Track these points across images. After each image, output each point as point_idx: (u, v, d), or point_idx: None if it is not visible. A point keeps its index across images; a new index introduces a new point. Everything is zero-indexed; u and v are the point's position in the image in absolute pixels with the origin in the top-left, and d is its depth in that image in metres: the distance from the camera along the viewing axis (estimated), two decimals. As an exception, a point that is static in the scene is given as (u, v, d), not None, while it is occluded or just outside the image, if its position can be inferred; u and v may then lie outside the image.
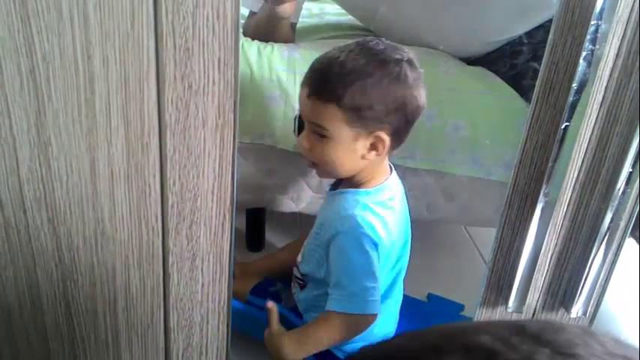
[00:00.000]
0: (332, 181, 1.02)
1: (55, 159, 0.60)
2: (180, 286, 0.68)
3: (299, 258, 1.00)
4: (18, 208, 0.62)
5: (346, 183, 0.92)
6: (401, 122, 0.84)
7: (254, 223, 1.44)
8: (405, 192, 1.04)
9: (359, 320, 0.86)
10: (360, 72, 0.79)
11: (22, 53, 0.54)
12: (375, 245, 0.86)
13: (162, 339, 0.72)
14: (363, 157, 0.85)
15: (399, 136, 0.86)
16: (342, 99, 0.80)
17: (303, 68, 1.21)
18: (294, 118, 1.00)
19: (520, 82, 1.28)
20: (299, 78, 1.20)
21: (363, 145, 0.84)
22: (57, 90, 0.56)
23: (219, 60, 0.56)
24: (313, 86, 0.83)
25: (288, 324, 1.00)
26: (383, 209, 0.90)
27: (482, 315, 0.76)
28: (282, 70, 1.20)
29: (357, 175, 0.89)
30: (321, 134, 0.84)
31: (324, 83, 0.81)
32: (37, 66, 0.55)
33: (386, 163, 0.94)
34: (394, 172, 0.97)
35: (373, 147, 0.84)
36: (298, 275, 1.00)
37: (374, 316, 0.85)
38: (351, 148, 0.84)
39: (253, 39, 1.28)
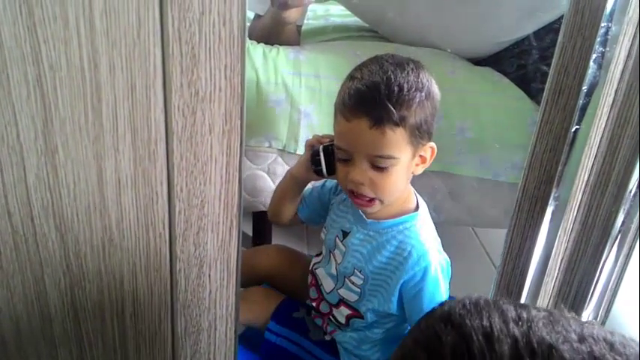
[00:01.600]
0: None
1: (63, 167, 0.59)
2: (187, 292, 0.68)
3: (348, 293, 0.90)
4: (26, 216, 0.62)
5: (390, 207, 0.85)
6: (434, 128, 0.82)
7: (260, 226, 1.44)
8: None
9: None
10: (414, 88, 0.76)
11: (29, 62, 0.54)
12: (449, 262, 0.85)
13: (169, 345, 0.72)
14: (412, 172, 0.82)
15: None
16: (408, 120, 0.75)
17: (308, 71, 1.21)
18: (317, 152, 0.88)
19: (527, 82, 1.27)
20: (304, 81, 1.20)
21: (415, 160, 0.81)
22: (64, 98, 0.56)
23: (225, 66, 0.56)
24: (376, 116, 0.74)
25: None
26: (431, 220, 0.89)
27: (491, 319, 0.75)
28: (288, 73, 1.20)
29: (399, 199, 0.85)
30: (383, 166, 0.77)
31: (388, 109, 0.74)
32: (44, 74, 0.55)
33: None
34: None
35: (422, 159, 0.82)
36: (348, 312, 0.91)
37: None
38: (409, 168, 0.80)
39: (259, 42, 1.28)
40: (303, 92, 1.20)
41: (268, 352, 0.97)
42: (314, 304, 0.98)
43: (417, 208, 0.87)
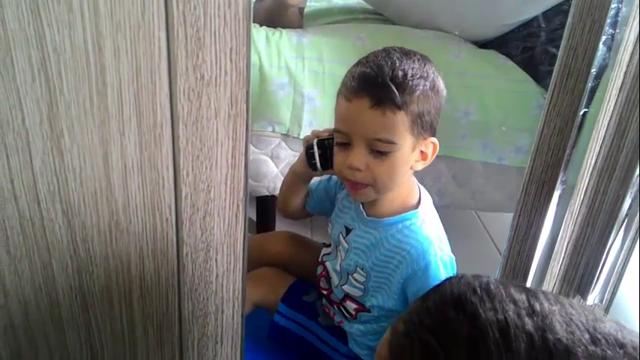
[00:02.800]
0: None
1: (68, 151, 0.59)
2: (194, 276, 0.68)
3: (352, 289, 0.91)
4: (32, 201, 0.62)
5: (390, 204, 0.85)
6: (436, 124, 0.81)
7: (264, 211, 1.44)
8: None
9: None
10: (418, 75, 0.75)
11: (33, 45, 0.53)
12: (453, 258, 0.83)
13: (177, 328, 0.72)
14: (411, 167, 0.81)
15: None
16: (410, 105, 0.74)
17: (311, 54, 1.20)
18: (311, 146, 0.88)
19: (533, 64, 1.26)
20: (307, 64, 1.20)
21: (415, 154, 0.79)
22: (68, 82, 0.56)
23: (230, 50, 0.55)
24: (378, 95, 0.73)
25: (327, 347, 0.95)
26: (438, 220, 0.88)
27: (497, 302, 0.76)
28: (291, 56, 1.19)
29: (400, 194, 0.84)
30: (382, 150, 0.76)
31: (390, 90, 0.73)
32: (49, 58, 0.54)
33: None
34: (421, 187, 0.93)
35: (422, 155, 0.80)
36: (354, 306, 0.91)
37: None
38: (408, 160, 0.79)
39: (261, 25, 1.27)
40: (306, 76, 1.19)
41: (276, 335, 0.98)
42: (325, 292, 0.98)
43: (418, 203, 0.86)
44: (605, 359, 0.35)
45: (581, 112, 0.62)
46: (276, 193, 1.31)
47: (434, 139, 0.80)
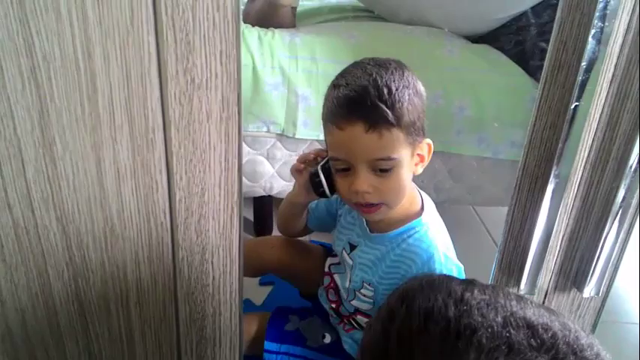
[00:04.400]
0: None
1: (61, 158, 0.59)
2: (191, 279, 0.68)
3: (361, 303, 0.90)
4: (26, 209, 0.62)
5: (394, 216, 0.83)
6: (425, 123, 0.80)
7: (262, 211, 1.44)
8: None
9: None
10: (402, 86, 0.74)
11: (23, 54, 0.53)
12: (461, 271, 0.82)
13: (175, 332, 0.73)
14: (413, 173, 0.79)
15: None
16: (403, 118, 0.73)
17: (304, 53, 1.20)
18: (316, 174, 0.85)
19: (526, 58, 1.26)
20: (301, 64, 1.20)
21: (414, 159, 0.79)
22: (59, 89, 0.56)
23: (220, 53, 0.55)
24: (371, 119, 0.72)
25: None
26: (442, 227, 0.86)
27: (494, 297, 0.76)
28: (284, 56, 1.19)
29: (402, 205, 0.82)
30: (385, 168, 0.75)
31: (382, 110, 0.72)
32: (38, 66, 0.54)
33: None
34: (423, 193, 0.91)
35: (420, 157, 0.79)
36: (366, 319, 0.90)
37: None
38: (410, 168, 0.78)
39: (253, 25, 1.27)
40: (300, 75, 1.19)
41: None
42: (333, 305, 0.97)
43: (422, 210, 0.84)
44: (509, 339, 0.38)
45: (573, 106, 0.62)
46: (273, 192, 1.31)
47: (428, 140, 0.79)
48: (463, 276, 0.84)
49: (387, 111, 0.72)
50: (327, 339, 0.97)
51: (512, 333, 0.38)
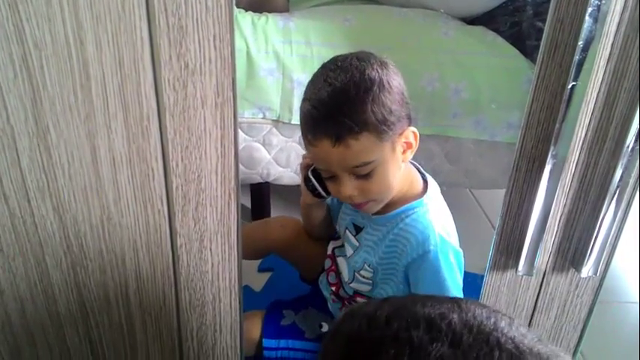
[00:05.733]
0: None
1: (55, 147, 0.59)
2: (190, 267, 0.68)
3: (361, 285, 0.91)
4: (22, 199, 0.62)
5: (394, 199, 0.84)
6: (410, 110, 0.79)
7: (259, 198, 1.44)
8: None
9: None
10: (362, 89, 0.73)
11: (13, 41, 0.53)
12: (459, 254, 0.83)
13: (175, 319, 0.73)
14: (404, 160, 0.80)
15: (410, 120, 0.80)
16: (368, 121, 0.73)
17: (299, 38, 1.19)
18: (308, 179, 0.89)
19: (522, 39, 1.26)
20: (295, 48, 1.19)
21: (399, 149, 0.78)
22: (51, 77, 0.55)
23: (214, 37, 0.54)
24: (333, 134, 0.73)
25: None
26: (444, 209, 0.87)
27: (492, 278, 0.76)
28: (278, 41, 1.18)
29: (400, 188, 0.83)
30: (365, 172, 0.77)
31: (341, 123, 0.72)
32: (30, 53, 0.53)
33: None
34: (429, 177, 0.92)
35: (407, 145, 0.79)
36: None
37: None
38: (394, 161, 0.78)
39: (247, 10, 1.25)
40: (294, 60, 1.18)
41: None
42: (333, 288, 0.97)
43: (424, 192, 0.85)
44: (410, 339, 0.38)
45: (570, 86, 0.61)
46: (270, 179, 1.31)
47: (412, 129, 0.79)
48: (461, 261, 0.84)
49: (347, 122, 0.72)
50: (325, 327, 0.97)
51: (412, 333, 0.38)
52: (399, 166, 0.80)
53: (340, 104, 0.73)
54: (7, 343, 0.72)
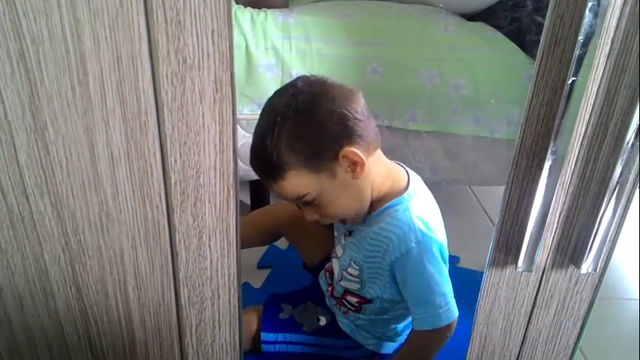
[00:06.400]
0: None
1: (53, 143, 0.58)
2: (188, 263, 0.68)
3: (349, 284, 0.92)
4: (20, 195, 0.61)
5: (375, 201, 0.85)
6: (350, 130, 0.77)
7: (258, 194, 1.44)
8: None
9: (449, 328, 0.83)
10: (275, 129, 0.75)
11: (10, 37, 0.52)
12: (442, 246, 0.83)
13: (174, 316, 0.73)
14: (356, 178, 0.79)
15: (361, 138, 0.78)
16: (290, 161, 0.75)
17: (298, 34, 1.19)
18: None
19: (522, 35, 1.25)
20: (295, 44, 1.18)
21: (342, 171, 0.78)
22: (49, 72, 0.55)
23: (212, 32, 0.54)
24: (263, 174, 0.81)
25: (323, 349, 0.96)
26: (428, 203, 0.87)
27: (492, 275, 0.76)
28: (278, 37, 1.17)
29: (379, 191, 0.84)
30: (310, 202, 0.80)
31: (266, 168, 0.78)
32: (27, 49, 0.53)
33: (393, 163, 0.89)
34: (411, 172, 0.91)
35: (353, 165, 0.78)
36: (355, 300, 0.92)
37: (456, 320, 0.83)
38: (341, 185, 0.79)
39: (246, 6, 1.25)
40: (294, 56, 1.18)
41: None
42: (329, 288, 0.98)
43: (406, 187, 0.85)
44: None
45: (570, 81, 0.61)
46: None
47: (350, 149, 0.77)
48: (446, 253, 0.84)
49: (270, 168, 0.76)
50: (322, 321, 0.98)
51: None
52: (355, 188, 0.79)
53: (259, 154, 0.77)
54: (5, 341, 0.71)
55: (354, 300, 0.92)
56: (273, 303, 1.02)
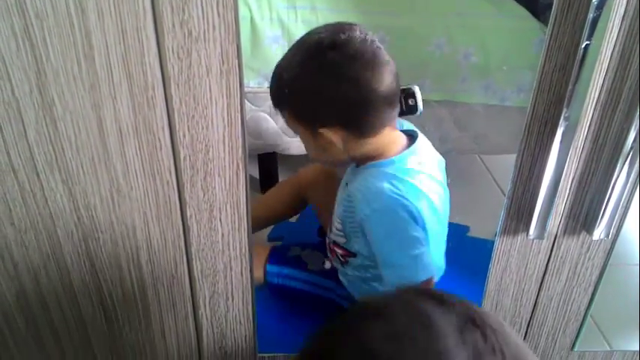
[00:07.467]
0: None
1: (61, 119, 0.58)
2: (200, 236, 0.69)
3: (336, 237, 0.93)
4: (31, 172, 0.62)
5: (365, 159, 0.86)
6: (349, 116, 0.78)
7: (267, 168, 1.44)
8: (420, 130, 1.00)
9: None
10: (292, 72, 0.78)
11: (14, 13, 0.52)
12: (411, 211, 0.81)
13: (188, 288, 0.74)
14: (327, 152, 0.82)
15: (358, 128, 0.79)
16: (286, 102, 0.81)
17: (304, 3, 1.16)
18: None
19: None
20: (300, 14, 1.16)
21: (322, 143, 0.81)
22: (54, 48, 0.54)
23: (217, 2, 0.53)
24: (272, 98, 0.85)
25: (323, 291, 0.99)
26: (413, 176, 0.86)
27: (503, 243, 0.76)
28: (283, 7, 1.15)
29: (369, 152, 0.84)
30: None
31: (274, 93, 0.83)
32: (31, 25, 0.53)
33: (396, 133, 0.87)
34: (422, 138, 0.90)
35: (331, 143, 0.80)
36: (341, 252, 0.94)
37: (429, 280, 0.83)
38: (317, 146, 0.82)
39: (250, -24, 1.22)
40: (299, 26, 1.16)
41: (273, 294, 1.00)
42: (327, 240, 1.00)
43: (400, 159, 0.84)
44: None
45: (583, 45, 0.60)
46: (278, 149, 1.30)
47: (324, 131, 0.79)
48: (425, 216, 0.81)
49: (275, 94, 0.83)
50: (327, 265, 1.00)
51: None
52: (330, 152, 0.82)
53: (275, 79, 0.82)
54: (22, 312, 0.73)
55: (340, 253, 0.94)
56: (281, 246, 1.06)
